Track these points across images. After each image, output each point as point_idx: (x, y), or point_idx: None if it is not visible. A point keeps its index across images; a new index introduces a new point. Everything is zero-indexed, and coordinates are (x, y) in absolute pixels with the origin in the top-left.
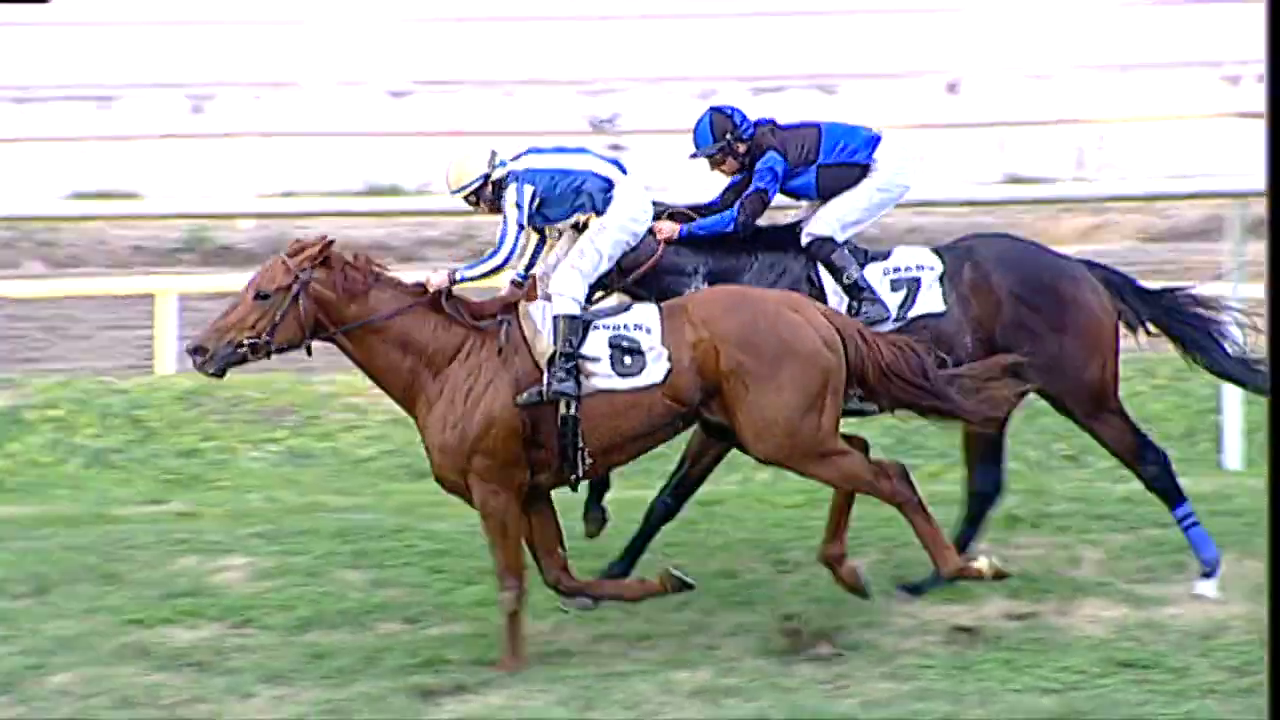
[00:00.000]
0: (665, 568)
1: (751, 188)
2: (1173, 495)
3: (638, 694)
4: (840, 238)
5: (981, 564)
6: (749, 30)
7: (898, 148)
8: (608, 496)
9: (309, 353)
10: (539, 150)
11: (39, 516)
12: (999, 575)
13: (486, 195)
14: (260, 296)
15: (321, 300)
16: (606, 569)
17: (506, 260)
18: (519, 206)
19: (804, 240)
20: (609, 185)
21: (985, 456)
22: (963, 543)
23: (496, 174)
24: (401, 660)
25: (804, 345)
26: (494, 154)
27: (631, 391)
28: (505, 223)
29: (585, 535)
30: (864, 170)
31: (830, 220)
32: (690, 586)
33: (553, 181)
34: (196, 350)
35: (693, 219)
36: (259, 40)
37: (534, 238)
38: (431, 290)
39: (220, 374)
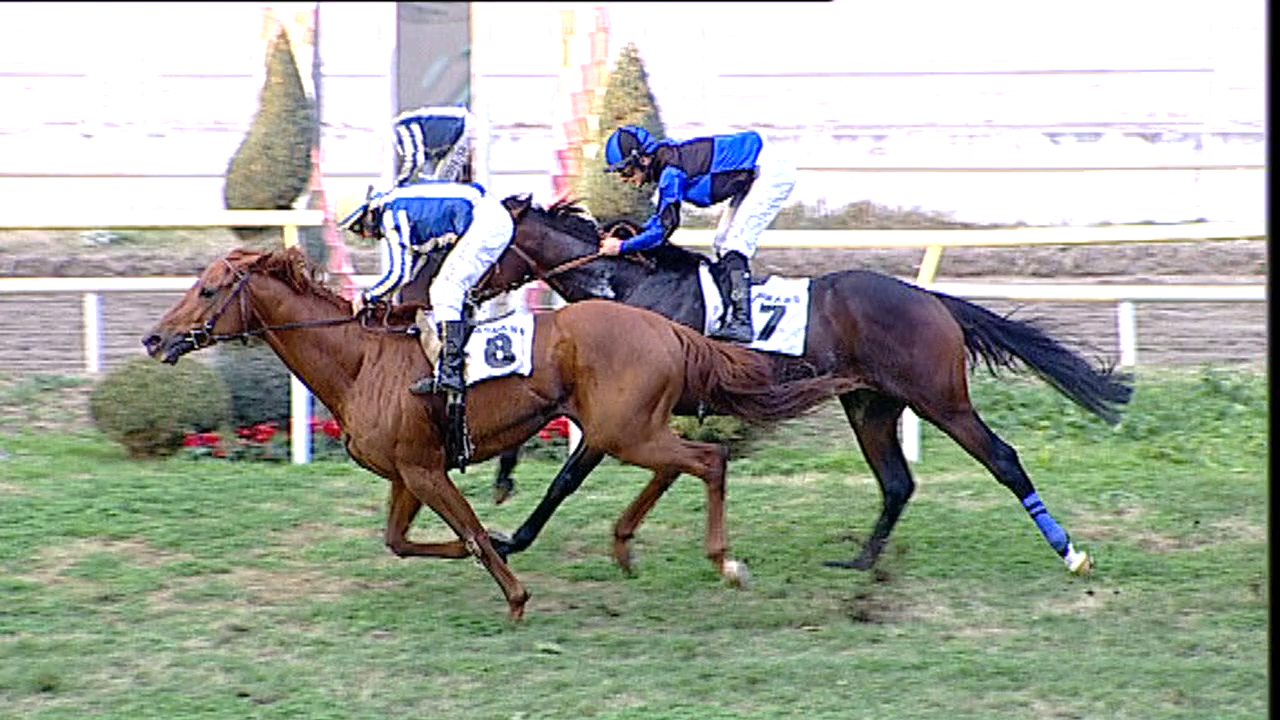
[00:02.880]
0: (489, 528)
1: (663, 203)
2: (1021, 485)
3: None
4: (749, 253)
5: (733, 567)
6: (1070, 81)
7: (777, 151)
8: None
9: (245, 344)
10: (407, 185)
11: None
12: (734, 584)
13: (368, 224)
14: (205, 293)
15: (256, 300)
16: (514, 534)
17: (400, 278)
18: (398, 229)
19: (721, 253)
20: (470, 206)
21: (889, 458)
22: (878, 537)
23: (373, 204)
24: None
25: (651, 354)
26: (370, 188)
27: (505, 383)
28: (390, 246)
29: (495, 502)
30: (750, 174)
31: (741, 237)
32: (507, 543)
33: (422, 207)
34: (150, 340)
35: (633, 234)
36: None
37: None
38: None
39: (172, 360)
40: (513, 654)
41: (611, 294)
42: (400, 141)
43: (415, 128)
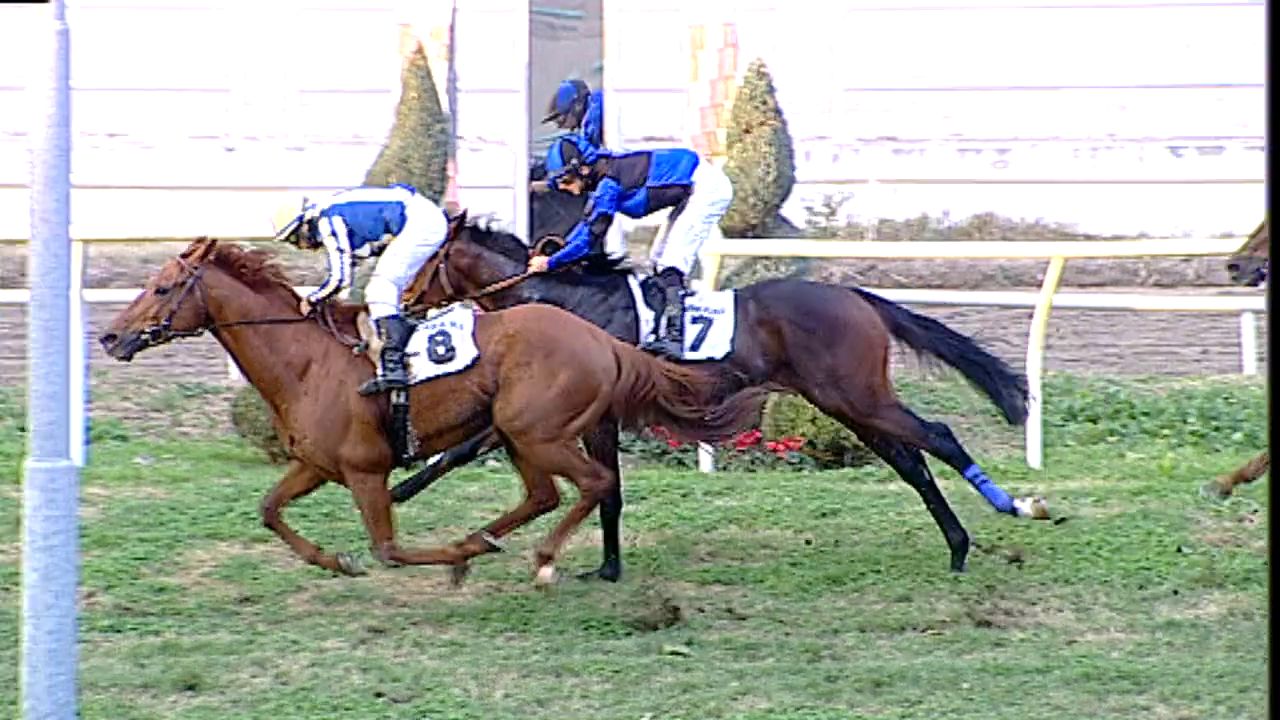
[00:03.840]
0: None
1: (594, 213)
2: (959, 459)
3: None
4: (685, 268)
5: (547, 573)
6: (1192, 95)
7: (713, 168)
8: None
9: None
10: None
11: None
12: (543, 587)
13: (304, 234)
14: (160, 291)
15: (209, 296)
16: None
17: (341, 282)
18: (334, 235)
19: (658, 269)
20: (403, 208)
21: (881, 447)
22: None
23: (309, 214)
24: None
25: (589, 366)
26: (305, 199)
27: (447, 379)
28: (329, 253)
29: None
30: (685, 189)
31: (679, 252)
32: (354, 573)
33: (355, 211)
34: (107, 338)
35: (560, 247)
36: None
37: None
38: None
39: (128, 357)
40: (642, 656)
41: None
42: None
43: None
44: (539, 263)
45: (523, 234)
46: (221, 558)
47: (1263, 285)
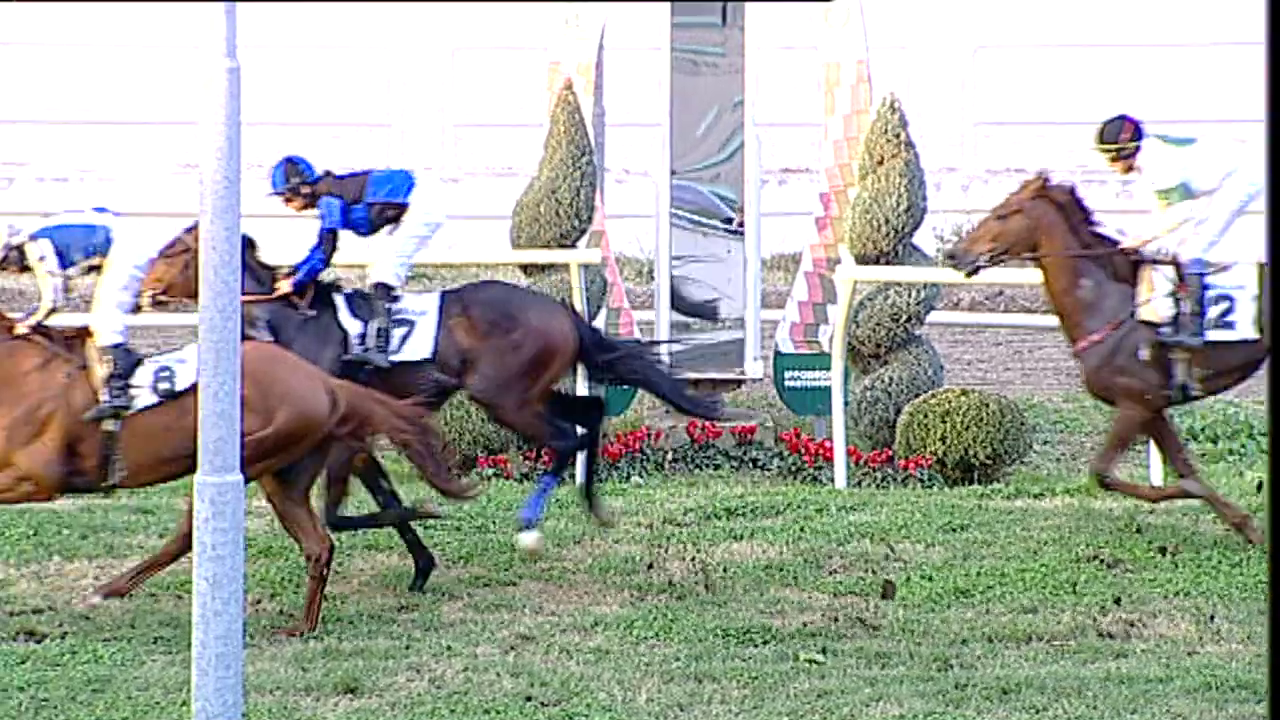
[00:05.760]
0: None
1: (322, 230)
2: (560, 460)
3: None
4: (395, 283)
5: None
6: None
7: (430, 190)
8: None
9: None
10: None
11: None
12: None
13: (13, 259)
14: None
15: None
16: None
17: (55, 304)
18: (43, 259)
19: (371, 284)
20: (108, 230)
21: None
22: None
23: (15, 240)
24: None
25: (297, 402)
26: (11, 226)
27: (165, 414)
28: (40, 277)
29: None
30: (401, 209)
31: (390, 268)
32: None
33: (61, 233)
34: None
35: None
36: None
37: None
38: (18, 330)
39: None
40: (779, 663)
41: (270, 337)
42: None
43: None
44: (284, 286)
45: (664, 259)
46: (379, 568)
47: (980, 274)
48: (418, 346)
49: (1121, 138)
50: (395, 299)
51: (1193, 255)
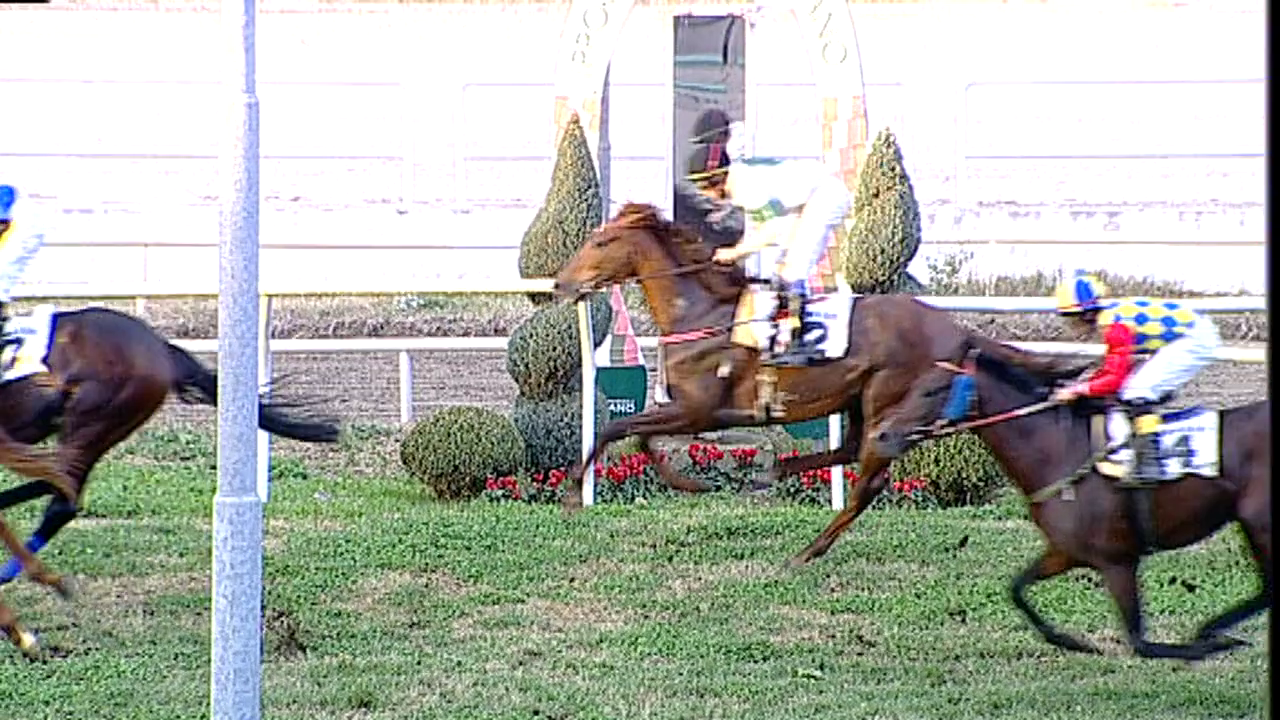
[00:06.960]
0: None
1: None
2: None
3: None
4: (4, 298)
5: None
6: None
7: (32, 206)
8: None
9: None
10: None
11: None
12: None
13: None
14: None
15: None
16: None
17: None
18: None
19: None
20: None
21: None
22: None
23: None
24: None
25: None
26: None
27: None
28: None
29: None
30: (6, 224)
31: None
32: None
33: None
34: None
35: None
36: None
37: None
38: None
39: None
40: (778, 678)
41: None
42: None
43: None
44: None
45: None
46: (392, 585)
47: (585, 301)
48: (27, 362)
49: (709, 165)
50: (6, 318)
51: (796, 277)
